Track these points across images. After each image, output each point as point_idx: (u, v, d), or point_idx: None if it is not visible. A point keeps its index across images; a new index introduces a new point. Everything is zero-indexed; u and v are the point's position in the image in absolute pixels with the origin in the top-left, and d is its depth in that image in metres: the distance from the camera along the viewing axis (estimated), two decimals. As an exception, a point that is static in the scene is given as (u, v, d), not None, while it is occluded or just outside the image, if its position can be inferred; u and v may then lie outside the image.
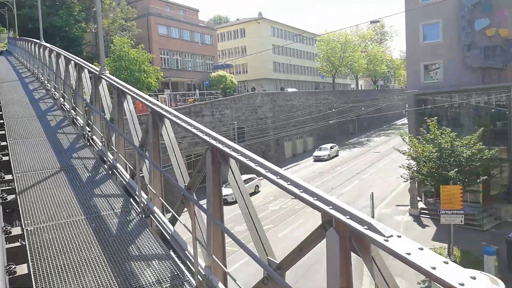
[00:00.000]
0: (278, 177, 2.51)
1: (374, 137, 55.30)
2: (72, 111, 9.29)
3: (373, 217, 16.32)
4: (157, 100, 31.06)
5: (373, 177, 31.75)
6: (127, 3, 44.34)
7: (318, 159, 40.76)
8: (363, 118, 63.72)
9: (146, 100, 5.08)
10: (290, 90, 54.30)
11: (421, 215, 21.11)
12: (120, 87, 6.04)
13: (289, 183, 2.41)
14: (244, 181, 3.45)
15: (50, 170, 6.01)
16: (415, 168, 17.47)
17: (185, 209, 4.07)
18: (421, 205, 21.73)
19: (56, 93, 11.43)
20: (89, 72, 8.52)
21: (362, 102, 67.38)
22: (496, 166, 18.19)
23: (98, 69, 7.81)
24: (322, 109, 52.41)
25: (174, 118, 4.13)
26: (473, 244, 16.05)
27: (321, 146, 43.92)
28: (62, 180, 5.69)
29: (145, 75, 31.75)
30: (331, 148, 43.27)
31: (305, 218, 21.00)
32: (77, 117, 8.89)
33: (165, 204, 4.50)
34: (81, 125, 8.29)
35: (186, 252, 3.89)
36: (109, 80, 7.04)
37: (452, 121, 22.70)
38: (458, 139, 16.60)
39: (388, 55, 74.71)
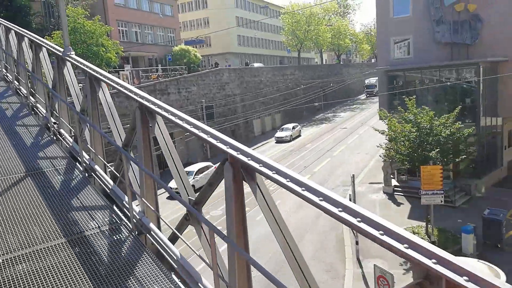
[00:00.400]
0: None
1: (340, 112, 55.83)
2: (30, 97, 8.01)
3: (354, 198, 16.24)
4: (118, 77, 29.14)
5: (343, 154, 31.98)
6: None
7: (280, 140, 39.26)
8: (328, 94, 64.12)
9: (131, 91, 4.12)
10: (256, 65, 53.16)
11: (395, 193, 21.47)
12: (93, 72, 5.01)
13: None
14: None
15: (13, 176, 5.00)
16: (394, 148, 17.43)
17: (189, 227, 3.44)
18: (394, 182, 22.07)
19: (8, 74, 9.94)
20: (50, 53, 7.28)
21: (327, 77, 67.61)
22: (473, 144, 18.59)
23: (62, 50, 6.66)
24: (290, 85, 52.00)
25: (171, 117, 3.32)
26: (447, 221, 16.45)
27: (283, 126, 42.03)
28: (29, 187, 4.72)
29: (103, 49, 29.48)
30: (293, 128, 41.27)
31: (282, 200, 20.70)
32: (38, 105, 7.67)
33: (163, 219, 3.69)
34: (44, 116, 7.13)
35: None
36: (77, 63, 5.93)
37: (422, 98, 22.88)
38: (436, 118, 16.69)
39: (351, 28, 74.77)
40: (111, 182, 4.71)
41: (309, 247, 15.84)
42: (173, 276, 3.29)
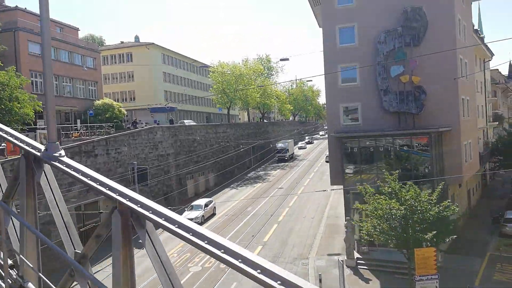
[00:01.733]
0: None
1: (271, 170, 55.28)
2: None
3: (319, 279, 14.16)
4: (34, 138, 24.61)
5: (289, 219, 30.45)
6: (-14, 12, 35.77)
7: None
8: (257, 151, 63.92)
9: (15, 138, 3.67)
10: (187, 122, 50.95)
11: (359, 266, 20.18)
12: None
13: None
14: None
15: None
16: (373, 225, 16.25)
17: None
18: (355, 254, 20.84)
19: None
20: None
21: (255, 134, 67.87)
22: (458, 221, 18.37)
23: None
24: (222, 143, 50.44)
25: (59, 165, 2.96)
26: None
27: (193, 204, 32.56)
28: None
29: (18, 104, 24.96)
30: (206, 206, 31.83)
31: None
32: None
33: (45, 279, 3.15)
34: None
35: None
36: None
37: (377, 165, 22.79)
38: (420, 193, 16.13)
39: (276, 89, 77.62)
40: None
41: None
42: None
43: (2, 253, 3.52)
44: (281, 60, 41.63)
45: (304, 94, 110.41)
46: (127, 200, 2.33)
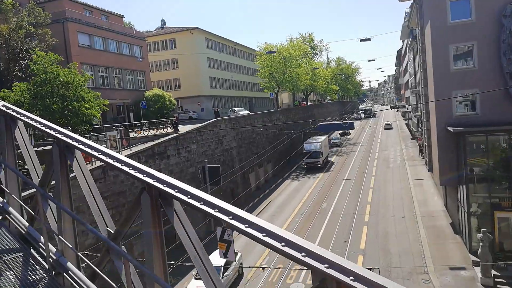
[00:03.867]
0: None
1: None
2: None
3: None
4: (104, 144, 22.36)
5: (376, 219, 27.39)
6: (36, 4, 33.60)
7: None
8: (307, 137, 60.65)
9: (47, 126, 3.90)
10: (239, 111, 48.15)
11: (499, 286, 17.04)
12: (8, 110, 4.58)
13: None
14: None
15: None
16: None
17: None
18: (493, 271, 17.64)
19: None
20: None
21: (305, 118, 64.43)
22: None
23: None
24: (277, 131, 47.51)
25: (88, 150, 3.21)
26: None
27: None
28: None
29: (85, 104, 22.75)
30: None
31: None
32: None
33: (82, 257, 3.51)
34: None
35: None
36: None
37: (503, 165, 19.22)
38: None
39: (323, 70, 73.38)
40: (26, 224, 4.50)
41: None
42: None
43: (43, 235, 3.82)
44: (361, 40, 37.64)
45: (344, 72, 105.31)
46: (154, 181, 2.40)
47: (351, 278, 1.61)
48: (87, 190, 3.32)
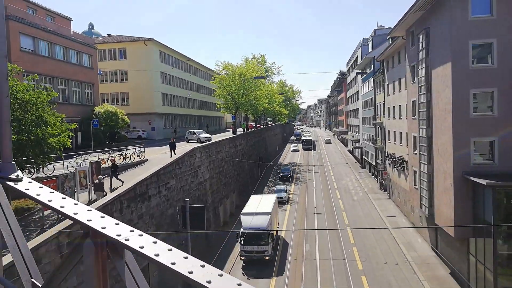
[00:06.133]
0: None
1: (282, 184, 49.76)
2: None
3: None
4: (71, 177, 17.55)
5: (371, 266, 25.59)
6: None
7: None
8: (262, 160, 58.45)
9: None
10: (203, 135, 44.20)
11: None
12: None
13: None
14: None
15: None
16: None
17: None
18: None
19: None
20: None
21: (260, 142, 62.28)
22: None
23: None
24: (239, 158, 44.44)
25: (21, 189, 2.56)
26: None
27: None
28: None
29: (51, 130, 17.68)
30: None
31: None
32: None
33: None
34: None
35: None
36: None
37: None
38: None
39: (276, 94, 72.29)
40: None
41: None
42: None
43: None
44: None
45: (286, 95, 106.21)
46: (102, 228, 2.05)
47: None
48: (8, 233, 2.66)
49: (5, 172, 2.52)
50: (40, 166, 18.29)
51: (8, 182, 2.44)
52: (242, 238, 25.45)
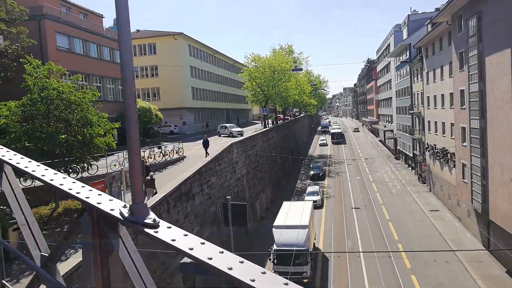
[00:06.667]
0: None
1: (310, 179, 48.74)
2: None
3: None
4: (118, 177, 17.36)
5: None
6: (9, -5, 27.19)
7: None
8: (294, 154, 57.66)
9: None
10: (235, 130, 43.84)
11: None
12: None
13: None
14: None
15: None
16: None
17: None
18: None
19: None
20: None
21: (290, 134, 61.48)
22: None
23: None
24: (272, 151, 43.83)
25: (21, 166, 2.83)
26: None
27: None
28: None
29: (97, 130, 17.55)
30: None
31: None
32: None
33: (7, 284, 3.16)
34: None
35: None
36: None
37: None
38: None
39: (306, 84, 70.92)
40: None
41: None
42: None
43: None
44: (293, 70, 34.92)
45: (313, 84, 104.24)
46: (97, 203, 2.15)
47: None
48: (17, 210, 2.92)
49: (139, 215, 2.20)
50: (86, 166, 18.30)
51: (146, 230, 2.23)
52: (274, 257, 22.15)
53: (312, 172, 50.46)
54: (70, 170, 17.79)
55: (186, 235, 1.79)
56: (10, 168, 3.04)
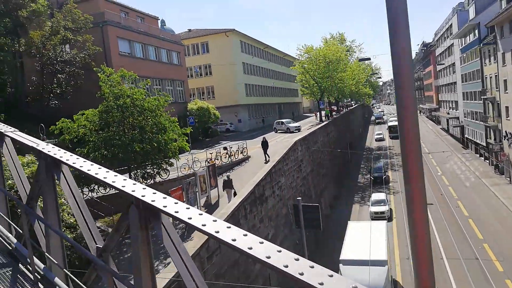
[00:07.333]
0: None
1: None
2: None
3: None
4: (193, 182, 16.94)
5: None
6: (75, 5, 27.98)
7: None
8: (352, 147, 55.58)
9: (33, 142, 3.90)
10: (292, 124, 42.87)
11: None
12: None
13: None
14: None
15: None
16: None
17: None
18: None
19: None
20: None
21: (346, 127, 59.35)
22: None
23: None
24: (332, 145, 42.27)
25: (77, 165, 3.12)
26: None
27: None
28: None
29: (171, 135, 17.34)
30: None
31: None
32: None
33: (70, 274, 3.49)
34: None
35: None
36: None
37: None
38: None
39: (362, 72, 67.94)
40: (14, 240, 4.51)
41: None
42: None
43: (28, 250, 3.80)
44: (360, 60, 32.34)
45: (374, 73, 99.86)
46: (143, 196, 2.39)
47: None
48: (75, 206, 3.25)
49: None
50: (160, 171, 18.20)
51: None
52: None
53: (374, 175, 42.04)
54: (146, 176, 17.76)
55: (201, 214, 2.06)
56: (67, 168, 3.32)
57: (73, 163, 3.10)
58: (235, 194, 17.52)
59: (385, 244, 20.00)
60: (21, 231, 4.27)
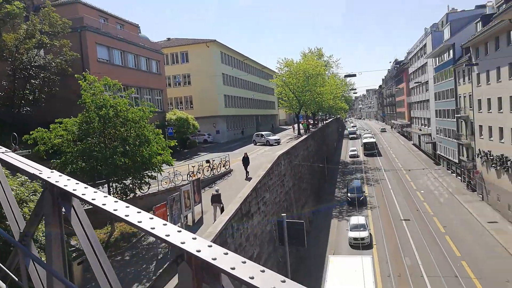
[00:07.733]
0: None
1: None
2: None
3: None
4: (177, 199, 16.15)
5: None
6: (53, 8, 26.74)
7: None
8: (328, 162, 55.96)
9: (26, 164, 3.30)
10: (272, 137, 42.66)
11: None
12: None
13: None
14: None
15: None
16: None
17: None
18: None
19: None
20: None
21: (323, 140, 59.74)
22: None
23: None
24: (311, 159, 42.28)
25: (90, 198, 2.60)
26: None
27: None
28: None
29: (155, 148, 16.54)
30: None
31: None
32: None
33: None
34: None
35: None
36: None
37: None
38: None
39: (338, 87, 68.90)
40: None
41: None
42: None
43: None
44: (346, 76, 33.08)
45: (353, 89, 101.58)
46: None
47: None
48: (86, 243, 2.73)
49: None
50: (142, 185, 17.31)
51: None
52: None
53: (349, 194, 39.45)
54: (127, 190, 16.82)
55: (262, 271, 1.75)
56: (78, 201, 3.07)
57: (85, 195, 2.75)
58: (222, 209, 16.87)
59: None
60: (9, 272, 3.55)
